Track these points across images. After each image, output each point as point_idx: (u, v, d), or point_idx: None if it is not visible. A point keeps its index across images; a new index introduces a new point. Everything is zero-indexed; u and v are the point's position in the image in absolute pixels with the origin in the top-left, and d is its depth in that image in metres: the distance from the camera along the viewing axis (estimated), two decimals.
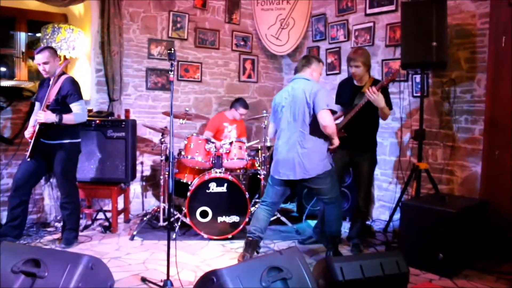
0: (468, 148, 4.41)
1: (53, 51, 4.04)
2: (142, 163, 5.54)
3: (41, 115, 3.78)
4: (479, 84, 4.29)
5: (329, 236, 3.95)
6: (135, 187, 5.47)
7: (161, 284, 3.09)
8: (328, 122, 3.56)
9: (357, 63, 4.07)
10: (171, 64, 3.11)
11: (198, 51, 5.88)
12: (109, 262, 3.69)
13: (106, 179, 4.66)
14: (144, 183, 5.58)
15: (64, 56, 4.99)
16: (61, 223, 4.22)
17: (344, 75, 5.66)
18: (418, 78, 4.75)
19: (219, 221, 4.47)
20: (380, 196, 5.25)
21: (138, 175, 5.46)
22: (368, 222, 4.97)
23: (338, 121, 4.27)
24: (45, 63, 3.93)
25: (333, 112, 3.72)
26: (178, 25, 5.66)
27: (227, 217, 4.48)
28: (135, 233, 4.42)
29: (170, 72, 3.10)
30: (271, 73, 6.58)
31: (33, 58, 4.19)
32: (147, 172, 5.62)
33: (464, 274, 3.63)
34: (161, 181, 4.77)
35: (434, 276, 3.59)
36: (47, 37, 4.86)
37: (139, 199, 5.54)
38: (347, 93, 4.21)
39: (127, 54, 5.35)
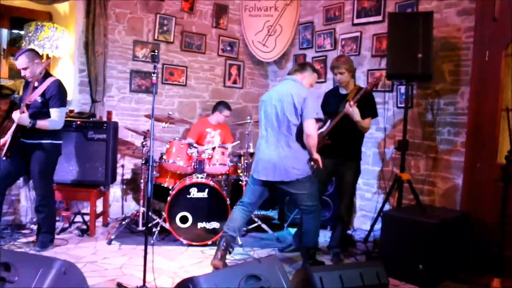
0: (450, 160, 4.43)
1: (32, 54, 3.88)
2: (123, 166, 5.46)
3: (15, 115, 3.68)
4: (462, 97, 4.32)
5: (305, 248, 3.89)
6: (115, 190, 5.38)
7: None
8: (312, 131, 3.57)
9: (341, 70, 4.09)
10: (154, 66, 3.08)
11: (184, 54, 5.83)
12: (85, 267, 3.61)
13: (86, 181, 4.56)
14: (124, 187, 5.49)
15: (47, 55, 4.91)
16: (37, 226, 4.10)
17: (329, 84, 5.66)
18: (403, 89, 4.77)
19: (199, 227, 4.40)
20: (362, 205, 5.24)
21: (119, 178, 5.37)
22: (349, 232, 4.96)
23: (322, 129, 4.27)
24: (24, 68, 3.83)
25: (320, 120, 3.73)
26: (165, 28, 5.61)
27: (207, 223, 4.42)
28: (113, 237, 4.34)
29: (153, 74, 3.06)
30: (257, 79, 6.56)
31: (14, 56, 4.10)
32: (128, 176, 5.54)
33: (444, 285, 3.63)
34: (141, 185, 4.70)
35: (414, 287, 3.57)
36: (30, 34, 4.77)
37: (119, 202, 5.45)
38: (333, 102, 4.21)
39: (111, 55, 5.28)
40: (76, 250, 4.05)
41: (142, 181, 4.68)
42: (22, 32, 5.02)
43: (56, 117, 3.86)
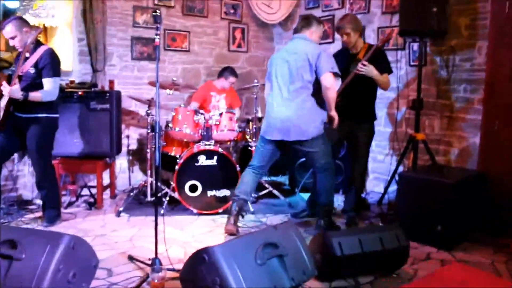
0: (466, 119, 4.27)
1: (20, 22, 3.64)
2: (128, 136, 5.32)
3: (5, 89, 3.48)
4: (479, 52, 4.12)
5: (321, 207, 3.81)
6: (121, 162, 5.26)
7: (149, 262, 2.92)
8: (331, 84, 3.49)
9: (347, 31, 3.89)
10: (157, 28, 2.88)
11: (186, 19, 5.60)
12: (94, 240, 3.52)
13: (91, 153, 4.42)
14: (130, 157, 5.38)
15: (43, 25, 4.71)
16: (42, 202, 3.99)
17: (337, 44, 5.43)
18: (415, 46, 4.57)
19: (209, 195, 4.30)
20: (374, 168, 5.11)
21: (124, 149, 5.25)
22: (362, 195, 4.84)
23: None
24: (12, 37, 3.61)
25: (337, 75, 3.60)
26: None
27: (217, 191, 4.31)
28: (121, 209, 4.24)
29: (156, 36, 2.87)
30: (262, 42, 6.33)
31: None
32: (133, 146, 5.41)
33: (462, 246, 3.53)
34: (148, 155, 4.55)
35: (432, 249, 3.48)
36: (24, 3, 4.57)
37: (126, 174, 5.34)
38: (343, 62, 4.01)
39: (110, 22, 5.07)
40: (84, 224, 3.97)
41: (148, 150, 4.54)
42: (16, 2, 4.80)
43: (49, 88, 3.66)
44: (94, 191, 4.59)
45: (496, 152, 3.99)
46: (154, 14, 2.86)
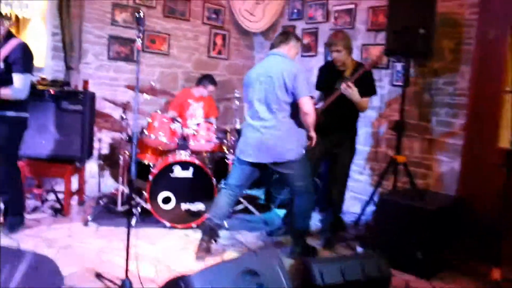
0: (446, 143, 4.25)
1: None
2: (100, 140, 5.09)
3: None
4: (462, 76, 4.11)
5: (296, 231, 3.68)
6: (92, 166, 5.03)
7: (119, 283, 2.73)
8: (309, 109, 3.33)
9: (338, 48, 3.81)
10: (139, 30, 2.69)
11: (167, 21, 5.44)
12: (59, 253, 3.30)
13: (59, 156, 4.18)
14: (101, 162, 5.15)
15: (16, 16, 4.45)
16: (3, 205, 3.73)
17: (320, 58, 5.39)
18: (399, 66, 4.53)
19: (182, 208, 4.13)
20: (351, 187, 5.03)
21: (95, 153, 5.00)
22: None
23: (317, 105, 4.02)
24: None
25: (311, 97, 3.48)
26: None
27: (191, 204, 4.15)
28: (90, 218, 4.02)
29: (137, 39, 2.69)
30: (243, 50, 6.21)
31: None
32: (105, 150, 5.20)
33: (441, 275, 3.47)
34: (121, 161, 4.36)
35: (410, 276, 3.40)
36: None
37: (95, 179, 5.10)
38: (329, 78, 3.94)
39: (88, 19, 4.86)
40: (49, 232, 3.73)
41: (121, 157, 4.35)
42: None
43: (19, 85, 3.41)
44: (61, 196, 4.35)
45: (476, 177, 4.00)
46: (137, 15, 2.67)
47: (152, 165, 4.43)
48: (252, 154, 3.47)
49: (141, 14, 2.64)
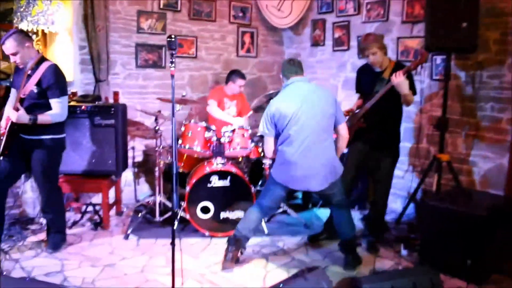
0: (493, 138, 4.04)
1: (21, 36, 3.31)
2: (133, 148, 5.07)
3: (13, 115, 3.21)
4: (509, 69, 3.88)
5: (344, 243, 3.58)
6: (127, 174, 5.00)
7: None
8: (347, 134, 3.49)
9: (373, 50, 3.64)
10: (172, 55, 2.60)
11: (193, 24, 5.33)
12: (103, 272, 3.30)
13: (95, 171, 4.17)
14: (136, 170, 5.13)
15: (42, 31, 4.41)
16: (46, 226, 3.75)
17: (353, 51, 5.20)
18: (438, 59, 4.32)
19: (221, 217, 4.08)
20: (392, 184, 4.89)
21: (130, 161, 4.99)
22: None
23: (357, 110, 3.88)
24: (13, 54, 3.29)
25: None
26: None
27: (230, 212, 4.09)
28: (129, 232, 4.01)
29: (170, 65, 2.60)
30: (271, 46, 6.05)
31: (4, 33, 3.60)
32: (139, 158, 5.17)
33: (493, 279, 3.33)
34: (156, 172, 4.32)
35: (460, 282, 3.28)
36: (21, 9, 4.31)
37: (131, 187, 5.10)
38: (367, 80, 3.78)
39: (114, 28, 4.79)
40: (91, 249, 3.73)
41: (156, 169, 4.31)
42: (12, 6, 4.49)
43: (58, 109, 3.39)
44: (98, 207, 4.35)
45: None
46: (169, 40, 2.58)
47: (187, 173, 4.38)
48: (303, 183, 3.37)
49: (173, 38, 2.54)
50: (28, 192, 4.37)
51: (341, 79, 5.42)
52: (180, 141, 4.22)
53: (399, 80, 3.45)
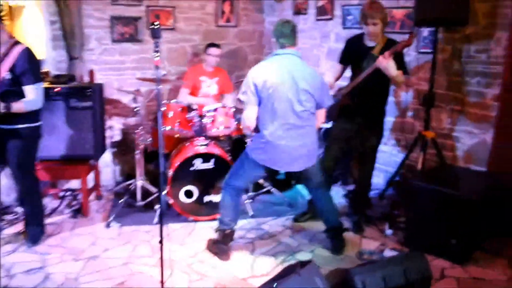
0: (478, 114, 4.00)
1: None
2: (111, 127, 4.88)
3: None
4: (498, 43, 3.78)
5: (330, 229, 3.53)
6: (104, 155, 4.82)
7: None
8: (322, 120, 3.37)
9: (375, 21, 3.45)
10: (156, 44, 2.43)
11: None
12: (86, 266, 3.21)
13: (73, 156, 3.99)
14: (114, 150, 4.96)
15: (7, 5, 4.12)
16: (24, 217, 3.60)
17: (337, 21, 5.01)
18: (425, 31, 4.20)
19: (205, 200, 4.00)
20: None
21: (107, 141, 4.81)
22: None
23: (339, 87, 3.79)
24: None
25: None
26: None
27: (214, 195, 4.00)
28: (111, 219, 3.90)
29: (154, 54, 2.43)
30: (251, 15, 5.78)
31: None
32: (117, 137, 4.99)
33: (476, 257, 3.38)
34: (137, 155, 4.18)
35: (445, 262, 3.32)
36: None
37: (110, 167, 4.93)
38: (355, 53, 3.64)
39: (86, 1, 4.49)
40: (72, 240, 3.61)
41: (137, 151, 4.16)
42: None
43: (33, 96, 3.18)
44: (77, 192, 4.23)
45: (510, 151, 3.79)
46: (152, 27, 2.40)
47: (168, 154, 4.27)
48: (284, 164, 3.24)
49: (157, 25, 2.35)
50: (2, 179, 4.17)
51: (325, 49, 5.26)
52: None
53: (385, 63, 3.30)
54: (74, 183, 4.39)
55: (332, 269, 3.01)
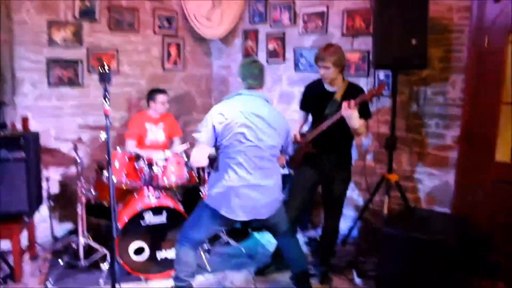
0: (438, 156, 3.95)
1: None
2: (47, 178, 4.39)
3: None
4: (453, 86, 3.79)
5: (297, 275, 3.29)
6: (41, 209, 4.31)
7: None
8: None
9: (327, 64, 3.30)
10: (105, 89, 2.12)
11: (114, 35, 4.74)
12: None
13: (4, 213, 3.47)
14: (51, 203, 4.45)
15: None
16: None
17: (289, 64, 4.91)
18: (381, 74, 4.17)
19: (159, 257, 3.60)
20: None
21: (44, 193, 4.31)
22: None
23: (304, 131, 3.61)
24: None
25: None
26: (87, 3, 4.46)
27: (168, 250, 3.62)
28: (49, 284, 3.39)
29: (104, 101, 2.12)
30: (199, 58, 5.58)
31: None
32: (55, 189, 4.50)
33: None
34: (78, 209, 3.72)
35: None
36: None
37: (46, 223, 4.40)
38: (316, 99, 3.48)
39: (20, 42, 4.13)
40: None
41: (79, 205, 3.71)
42: None
43: None
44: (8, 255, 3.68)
45: (472, 192, 3.74)
46: (101, 71, 2.10)
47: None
48: (246, 212, 2.95)
49: (107, 69, 2.05)
50: None
51: (277, 93, 5.11)
52: (106, 173, 3.67)
53: (349, 112, 3.12)
54: (4, 244, 3.82)
55: None
